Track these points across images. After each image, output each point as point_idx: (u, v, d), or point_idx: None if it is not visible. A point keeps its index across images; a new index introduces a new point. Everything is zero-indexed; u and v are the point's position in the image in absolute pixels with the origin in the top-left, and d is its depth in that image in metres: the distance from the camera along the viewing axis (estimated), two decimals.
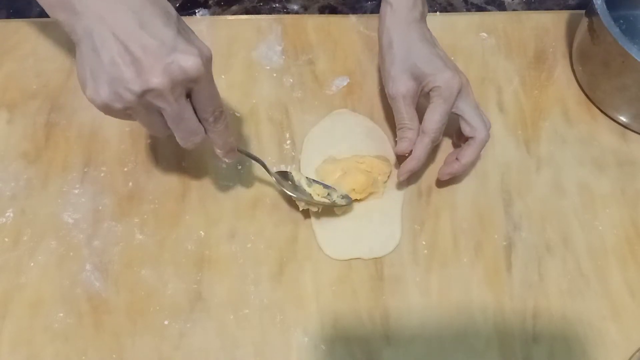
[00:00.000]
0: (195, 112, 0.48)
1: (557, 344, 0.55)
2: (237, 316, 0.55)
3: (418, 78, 0.58)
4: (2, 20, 0.72)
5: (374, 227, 0.60)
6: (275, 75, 0.69)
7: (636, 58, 0.57)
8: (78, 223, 0.59)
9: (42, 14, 0.74)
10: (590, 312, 0.56)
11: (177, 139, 0.50)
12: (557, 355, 0.54)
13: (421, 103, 0.59)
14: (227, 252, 0.58)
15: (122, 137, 0.64)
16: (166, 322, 0.55)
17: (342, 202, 0.59)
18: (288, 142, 0.64)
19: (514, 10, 0.76)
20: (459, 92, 0.57)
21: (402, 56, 0.59)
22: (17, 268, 0.57)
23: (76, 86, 0.67)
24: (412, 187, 0.62)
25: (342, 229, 0.59)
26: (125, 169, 0.62)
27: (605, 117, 0.67)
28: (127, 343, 0.54)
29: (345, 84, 0.68)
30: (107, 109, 0.45)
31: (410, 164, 0.58)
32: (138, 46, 0.42)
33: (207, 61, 0.45)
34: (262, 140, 0.64)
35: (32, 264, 0.57)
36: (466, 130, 0.58)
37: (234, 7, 0.75)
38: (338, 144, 0.64)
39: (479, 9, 0.77)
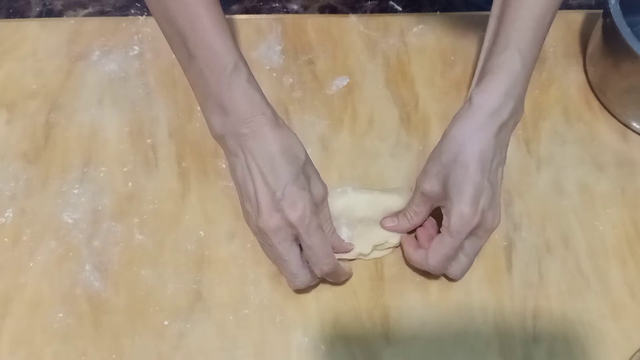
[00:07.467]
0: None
1: (557, 344, 0.55)
2: (237, 316, 0.55)
3: (443, 191, 0.52)
4: (2, 20, 0.71)
5: (374, 227, 0.60)
6: (275, 75, 0.69)
7: None
8: (78, 223, 0.59)
9: (42, 14, 0.74)
10: (590, 312, 0.56)
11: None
12: (557, 355, 0.54)
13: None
14: (226, 252, 0.58)
15: (122, 137, 0.64)
16: (166, 322, 0.55)
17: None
18: None
19: None
20: (472, 231, 0.51)
21: (445, 159, 0.52)
22: (17, 268, 0.57)
23: (76, 86, 0.67)
24: (413, 187, 0.62)
25: (342, 229, 0.59)
26: (125, 169, 0.62)
27: (606, 117, 0.67)
28: (127, 343, 0.54)
29: (345, 84, 0.68)
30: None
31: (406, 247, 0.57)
32: (260, 190, 0.50)
33: (309, 213, 0.50)
34: None
35: (32, 264, 0.57)
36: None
37: (234, 7, 0.75)
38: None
39: (479, 9, 0.76)
